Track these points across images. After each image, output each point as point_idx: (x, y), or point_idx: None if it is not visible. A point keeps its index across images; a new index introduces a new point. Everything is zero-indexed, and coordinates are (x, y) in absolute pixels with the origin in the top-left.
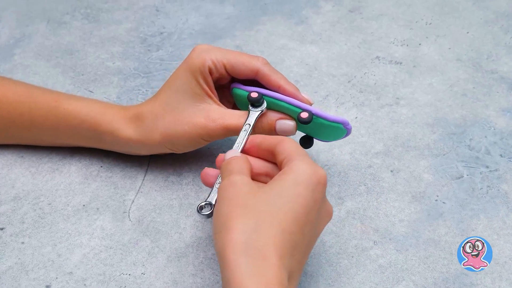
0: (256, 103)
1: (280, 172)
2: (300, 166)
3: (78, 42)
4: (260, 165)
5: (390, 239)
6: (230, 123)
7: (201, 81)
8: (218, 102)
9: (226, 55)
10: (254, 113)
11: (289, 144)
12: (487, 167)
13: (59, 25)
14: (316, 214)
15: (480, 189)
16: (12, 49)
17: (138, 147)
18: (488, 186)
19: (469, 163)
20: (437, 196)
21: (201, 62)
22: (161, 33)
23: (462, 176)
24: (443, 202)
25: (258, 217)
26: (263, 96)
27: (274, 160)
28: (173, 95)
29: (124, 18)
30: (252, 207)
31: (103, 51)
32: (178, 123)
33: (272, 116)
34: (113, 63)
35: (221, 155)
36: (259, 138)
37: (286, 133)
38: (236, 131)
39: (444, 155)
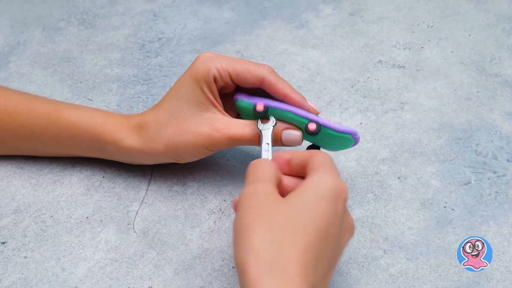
0: (263, 116)
1: (303, 182)
2: (323, 179)
3: (75, 49)
4: (291, 182)
5: (400, 248)
6: (235, 133)
7: (206, 90)
8: (223, 111)
9: (232, 63)
10: (268, 131)
11: (320, 157)
12: (495, 172)
13: (54, 32)
14: (338, 228)
15: (489, 195)
16: (7, 57)
17: (141, 157)
18: (496, 192)
19: (476, 169)
20: (446, 202)
21: (205, 70)
22: (160, 38)
23: (470, 182)
24: (452, 209)
25: (281, 233)
26: (269, 108)
27: (305, 175)
28: (177, 104)
29: (121, 23)
30: (274, 222)
31: (101, 57)
32: (182, 133)
33: (278, 126)
34: (111, 70)
35: (235, 199)
36: (289, 155)
37: (293, 143)
38: (241, 141)
39: (451, 160)
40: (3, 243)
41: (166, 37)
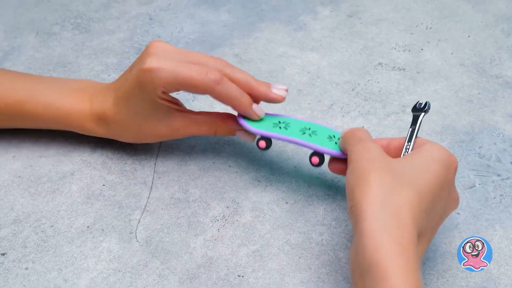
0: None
1: (417, 150)
2: (436, 147)
3: (70, 54)
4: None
5: None
6: (193, 131)
7: (158, 99)
8: (181, 108)
9: (177, 77)
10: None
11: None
12: (499, 175)
13: (49, 37)
14: (447, 193)
15: (494, 198)
16: (2, 63)
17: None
18: (501, 195)
19: (480, 172)
20: None
21: (153, 89)
22: None
23: (475, 186)
24: (457, 213)
25: (397, 178)
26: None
27: None
28: (133, 109)
29: (116, 27)
30: (391, 168)
31: (97, 62)
32: (142, 134)
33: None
34: (108, 75)
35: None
36: (385, 141)
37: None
38: (200, 134)
39: None
40: (3, 254)
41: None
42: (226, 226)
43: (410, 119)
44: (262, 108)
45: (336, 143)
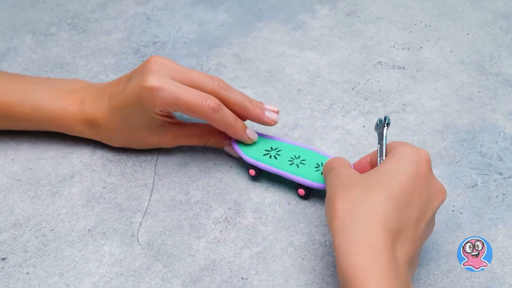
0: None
1: (387, 156)
2: (402, 148)
3: (68, 54)
4: None
5: None
6: (184, 142)
7: (155, 115)
8: (174, 120)
9: (178, 100)
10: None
11: (397, 142)
12: (501, 174)
13: (45, 37)
14: (423, 188)
15: (496, 197)
16: None
17: None
18: (503, 194)
19: (482, 171)
20: (454, 206)
21: (151, 107)
22: (154, 42)
23: (477, 185)
24: (460, 213)
25: (365, 188)
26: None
27: None
28: (127, 120)
29: (113, 27)
30: (359, 183)
31: (94, 63)
32: (133, 141)
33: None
34: (106, 76)
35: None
36: (368, 156)
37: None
38: (190, 145)
39: (456, 163)
40: (3, 259)
41: (161, 41)
42: (229, 228)
43: (411, 118)
44: (254, 132)
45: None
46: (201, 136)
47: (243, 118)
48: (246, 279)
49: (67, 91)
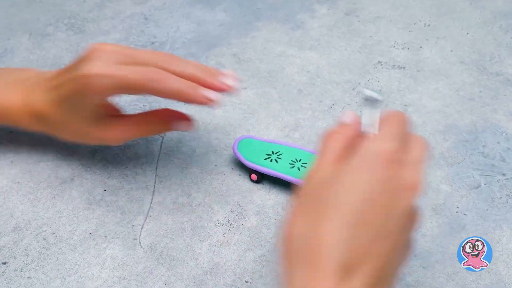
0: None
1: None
2: (365, 144)
3: (65, 55)
4: None
5: (415, 256)
6: (136, 136)
7: (97, 107)
8: (119, 112)
9: (112, 81)
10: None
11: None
12: (504, 174)
13: (42, 38)
14: (384, 196)
15: (500, 198)
16: None
17: None
18: (507, 195)
19: (485, 171)
20: (457, 207)
21: (90, 95)
22: (153, 42)
23: (480, 186)
24: (464, 214)
25: (318, 210)
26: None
27: None
28: (72, 112)
29: (111, 28)
30: (317, 199)
31: None
32: (80, 135)
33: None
34: None
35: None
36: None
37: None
38: (149, 134)
39: (459, 163)
40: (4, 263)
41: (159, 41)
42: (232, 230)
43: (413, 118)
44: (212, 91)
45: None
46: (148, 123)
47: None
48: (251, 282)
49: (14, 82)
